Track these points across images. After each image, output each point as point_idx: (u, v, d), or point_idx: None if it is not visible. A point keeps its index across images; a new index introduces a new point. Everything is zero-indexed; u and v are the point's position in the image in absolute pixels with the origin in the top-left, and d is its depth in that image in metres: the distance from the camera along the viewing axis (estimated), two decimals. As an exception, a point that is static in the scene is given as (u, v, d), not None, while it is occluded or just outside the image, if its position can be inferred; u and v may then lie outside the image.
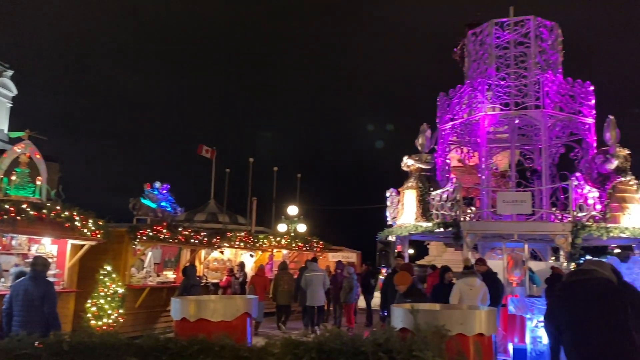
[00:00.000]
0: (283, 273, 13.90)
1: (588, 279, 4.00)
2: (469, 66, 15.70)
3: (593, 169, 13.44)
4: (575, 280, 4.09)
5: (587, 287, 3.96)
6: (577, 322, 3.87)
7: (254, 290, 13.40)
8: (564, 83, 14.09)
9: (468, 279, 9.18)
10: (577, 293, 3.98)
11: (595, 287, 3.93)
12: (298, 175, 26.42)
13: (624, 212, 12.56)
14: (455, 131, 15.47)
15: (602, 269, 4.02)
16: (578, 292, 3.98)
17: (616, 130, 13.27)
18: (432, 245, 26.87)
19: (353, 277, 13.59)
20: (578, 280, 4.07)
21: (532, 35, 14.53)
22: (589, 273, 4.03)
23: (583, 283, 4.01)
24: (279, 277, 13.81)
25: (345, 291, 13.27)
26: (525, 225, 12.80)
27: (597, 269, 4.01)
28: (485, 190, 14.56)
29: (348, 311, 13.51)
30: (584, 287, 3.98)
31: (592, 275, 3.99)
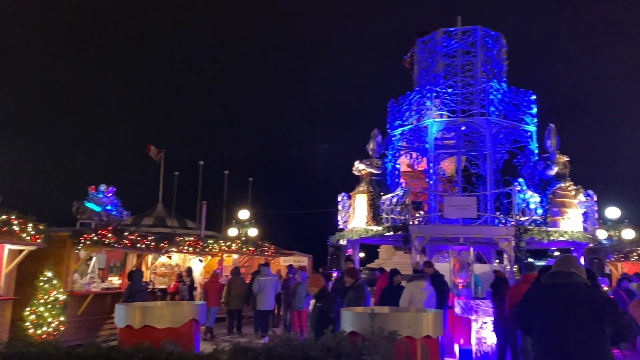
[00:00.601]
0: (236, 278, 13.92)
1: (569, 284, 3.92)
2: (418, 74, 16.07)
3: (535, 174, 13.99)
4: (556, 283, 3.98)
5: (568, 292, 3.88)
6: (555, 326, 3.79)
7: (207, 296, 13.27)
8: (508, 92, 14.63)
9: (418, 282, 9.34)
10: (558, 297, 3.89)
11: (575, 293, 3.86)
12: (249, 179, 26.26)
13: (564, 216, 13.13)
14: (405, 137, 15.77)
15: (579, 272, 3.97)
16: (558, 297, 3.89)
17: (556, 138, 13.88)
18: (382, 248, 27.25)
19: (306, 282, 13.44)
20: (558, 283, 3.96)
21: (478, 45, 15.03)
22: (569, 277, 3.94)
23: (564, 287, 3.92)
24: (231, 282, 13.79)
25: (300, 297, 12.83)
26: (470, 229, 13.17)
27: (576, 272, 3.95)
28: (433, 194, 14.90)
29: (300, 317, 13.05)
30: (564, 292, 3.89)
31: (572, 280, 3.92)
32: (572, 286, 3.89)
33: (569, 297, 3.83)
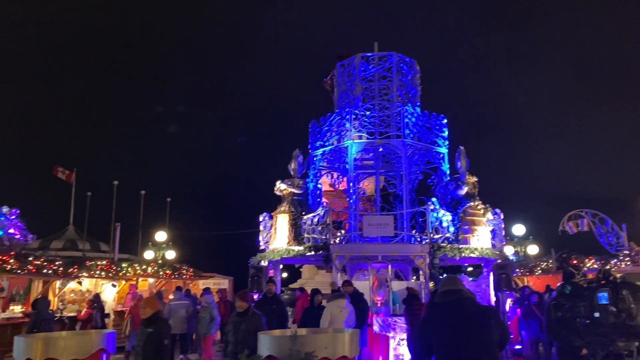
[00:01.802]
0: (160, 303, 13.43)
1: (460, 299, 4.25)
2: (338, 96, 16.47)
3: (447, 194, 14.67)
4: (449, 300, 4.28)
5: (461, 307, 4.20)
6: (452, 340, 4.07)
7: (134, 321, 12.77)
8: (421, 115, 15.32)
9: (338, 301, 9.44)
10: (452, 313, 4.19)
11: (467, 307, 4.21)
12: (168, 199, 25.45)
13: (474, 233, 13.82)
14: (326, 157, 16.03)
15: (464, 287, 4.35)
16: (452, 312, 4.19)
17: (466, 159, 14.66)
18: (304, 268, 27.24)
19: (212, 306, 12.72)
20: (451, 300, 4.27)
21: (394, 70, 15.68)
22: (459, 293, 4.29)
23: (456, 303, 4.24)
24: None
25: (205, 322, 12.25)
26: (388, 247, 13.53)
27: (462, 288, 4.32)
28: (354, 213, 15.20)
29: (206, 343, 12.45)
30: (457, 307, 4.21)
31: (462, 296, 4.27)
32: (462, 301, 4.25)
33: (461, 311, 4.17)
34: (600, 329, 2.73)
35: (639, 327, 2.64)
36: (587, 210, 19.62)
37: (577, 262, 3.26)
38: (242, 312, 7.19)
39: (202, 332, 12.26)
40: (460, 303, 4.23)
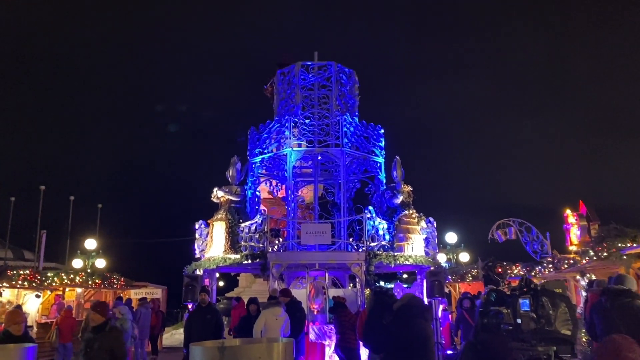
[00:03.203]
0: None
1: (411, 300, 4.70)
2: (278, 103, 16.46)
3: (383, 203, 14.96)
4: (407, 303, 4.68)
5: (412, 308, 4.60)
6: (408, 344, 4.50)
7: (61, 333, 12.12)
8: (359, 125, 15.57)
9: (273, 309, 9.38)
10: (408, 315, 4.56)
11: (416, 308, 4.58)
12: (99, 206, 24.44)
13: (408, 241, 14.15)
14: (265, 164, 15.95)
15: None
16: (409, 314, 4.56)
17: (401, 169, 15.02)
18: (242, 276, 26.93)
19: (127, 317, 11.75)
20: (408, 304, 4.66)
21: (333, 80, 15.87)
22: (414, 299, 4.72)
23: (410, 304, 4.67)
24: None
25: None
26: (325, 255, 13.60)
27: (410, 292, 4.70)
28: (292, 222, 15.18)
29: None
30: (412, 308, 4.61)
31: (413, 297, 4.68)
32: (412, 301, 4.74)
33: (417, 312, 4.64)
34: (521, 335, 2.86)
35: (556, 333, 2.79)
36: (514, 219, 20.56)
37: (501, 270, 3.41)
38: (98, 327, 5.89)
39: None
40: (412, 302, 4.66)
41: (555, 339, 2.89)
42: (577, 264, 14.11)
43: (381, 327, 4.80)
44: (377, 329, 4.84)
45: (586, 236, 17.68)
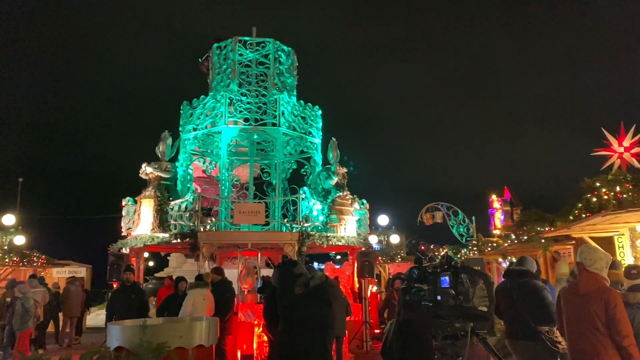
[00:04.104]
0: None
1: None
2: (213, 78, 15.99)
3: (318, 184, 14.98)
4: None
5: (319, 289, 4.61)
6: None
7: None
8: (297, 105, 15.43)
9: (201, 290, 9.18)
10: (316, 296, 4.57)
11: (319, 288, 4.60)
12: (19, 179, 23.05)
13: (341, 223, 14.28)
14: (198, 141, 15.51)
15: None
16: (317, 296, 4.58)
17: (337, 151, 15.07)
18: (172, 256, 26.35)
19: (28, 296, 10.83)
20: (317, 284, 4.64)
21: (271, 57, 15.58)
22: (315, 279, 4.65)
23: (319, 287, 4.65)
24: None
25: (18, 315, 10.48)
26: (258, 234, 13.49)
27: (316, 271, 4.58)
28: (224, 201, 14.91)
29: (21, 340, 10.59)
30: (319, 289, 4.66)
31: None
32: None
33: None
34: (441, 311, 2.90)
35: (474, 309, 2.86)
36: (443, 203, 21.26)
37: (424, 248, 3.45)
38: None
39: (16, 326, 10.61)
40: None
41: (472, 315, 2.95)
42: (499, 247, 14.78)
43: (271, 302, 4.89)
44: (268, 304, 4.92)
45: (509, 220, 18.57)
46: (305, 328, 4.39)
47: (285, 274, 4.98)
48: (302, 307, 4.55)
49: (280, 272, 5.21)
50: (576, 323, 4.36)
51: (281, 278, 5.06)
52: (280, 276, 5.11)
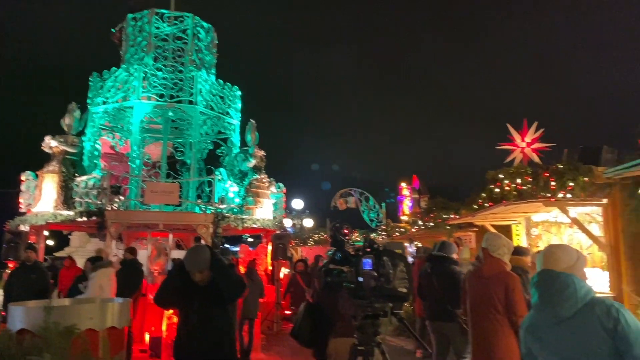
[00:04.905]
0: None
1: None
2: (127, 50, 15.21)
3: (235, 166, 14.81)
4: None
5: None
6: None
7: None
8: (215, 84, 15.08)
9: (105, 270, 8.71)
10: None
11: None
12: None
13: (257, 205, 14.25)
14: (108, 115, 14.75)
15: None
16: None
17: (256, 133, 14.96)
18: (74, 235, 24.93)
19: None
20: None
21: (190, 33, 15.07)
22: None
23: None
24: None
25: None
26: (171, 215, 13.14)
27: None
28: (135, 179, 14.34)
29: None
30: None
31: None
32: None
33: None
34: (362, 292, 3.03)
35: (394, 290, 3.01)
36: (355, 189, 21.86)
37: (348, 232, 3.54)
38: None
39: None
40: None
41: (392, 296, 3.09)
42: (407, 232, 15.48)
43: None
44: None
45: (417, 207, 19.45)
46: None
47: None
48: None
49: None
50: (479, 304, 4.71)
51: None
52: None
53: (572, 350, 2.44)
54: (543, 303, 2.61)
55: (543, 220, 9.32)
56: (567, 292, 2.49)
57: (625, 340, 2.32)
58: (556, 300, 2.51)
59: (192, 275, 4.03)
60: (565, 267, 2.63)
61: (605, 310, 2.39)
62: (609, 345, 2.34)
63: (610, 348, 2.34)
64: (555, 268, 2.63)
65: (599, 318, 2.38)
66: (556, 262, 2.65)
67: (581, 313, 2.45)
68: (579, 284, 2.53)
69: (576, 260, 2.68)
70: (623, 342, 2.32)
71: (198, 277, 4.03)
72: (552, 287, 2.56)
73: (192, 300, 4.03)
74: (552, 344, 2.55)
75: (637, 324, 2.36)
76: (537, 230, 9.52)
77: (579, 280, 2.56)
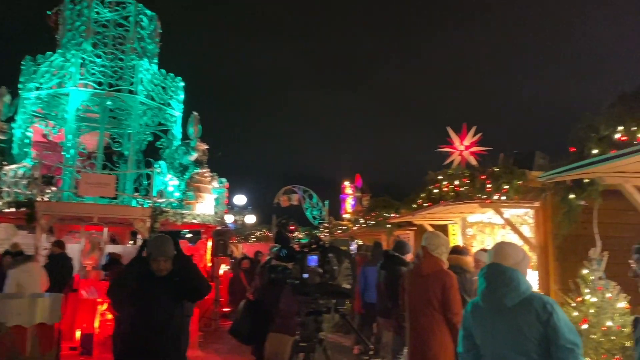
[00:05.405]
0: None
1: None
2: (64, 34, 14.52)
3: (176, 159, 14.45)
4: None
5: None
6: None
7: None
8: (157, 74, 14.66)
9: (25, 266, 8.14)
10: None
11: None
12: None
13: (198, 200, 13.97)
14: (42, 102, 14.02)
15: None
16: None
17: (199, 126, 14.65)
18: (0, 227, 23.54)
19: None
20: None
21: (132, 20, 14.58)
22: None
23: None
24: None
25: None
26: (106, 208, 12.68)
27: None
28: (69, 170, 13.72)
29: None
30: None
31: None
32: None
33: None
34: (306, 289, 3.03)
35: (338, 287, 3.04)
36: (299, 186, 21.88)
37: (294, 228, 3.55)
38: None
39: None
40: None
41: (336, 292, 3.12)
42: (348, 230, 15.67)
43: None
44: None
45: (359, 206, 19.73)
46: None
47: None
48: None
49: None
50: (417, 301, 4.84)
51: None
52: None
53: (509, 335, 2.74)
54: (489, 292, 2.87)
55: (478, 221, 9.69)
56: (512, 285, 2.78)
57: (555, 331, 2.67)
58: (501, 291, 2.78)
59: (156, 262, 3.88)
60: (512, 263, 2.89)
61: (542, 305, 2.72)
62: (540, 334, 2.68)
63: (541, 336, 2.68)
64: (503, 263, 2.89)
65: (536, 311, 2.70)
66: (505, 258, 2.91)
67: (521, 305, 2.75)
68: (522, 280, 2.83)
69: (522, 259, 2.95)
70: (553, 332, 2.67)
71: (162, 265, 3.89)
72: (498, 279, 2.83)
73: (152, 293, 3.87)
74: (492, 328, 2.84)
75: (566, 319, 2.74)
76: (472, 230, 9.88)
77: (522, 276, 2.86)
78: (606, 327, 4.86)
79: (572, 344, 2.67)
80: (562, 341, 2.65)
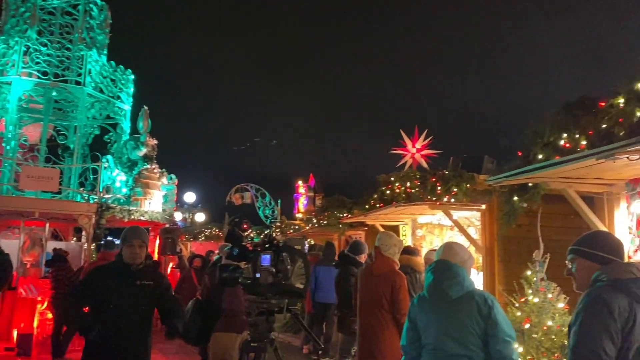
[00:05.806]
0: None
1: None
2: (7, 21, 13.86)
3: (124, 154, 14.03)
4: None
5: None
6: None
7: None
8: (107, 65, 14.20)
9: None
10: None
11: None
12: None
13: (147, 196, 13.62)
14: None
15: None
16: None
17: (148, 120, 14.28)
18: None
19: None
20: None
21: (81, 9, 14.09)
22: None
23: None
24: None
25: None
26: (48, 203, 12.16)
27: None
28: (9, 162, 13.09)
29: None
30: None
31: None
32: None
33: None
34: (258, 289, 3.00)
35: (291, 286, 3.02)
36: (252, 184, 21.70)
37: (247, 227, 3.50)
38: None
39: None
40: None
41: (289, 292, 3.10)
42: (301, 229, 15.66)
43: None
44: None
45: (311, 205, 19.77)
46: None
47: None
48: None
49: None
50: (368, 301, 4.88)
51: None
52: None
53: (451, 326, 2.95)
54: (435, 285, 3.07)
55: (427, 222, 9.89)
56: (457, 279, 3.00)
57: (493, 324, 2.88)
58: (447, 284, 3.00)
59: (131, 247, 3.77)
60: (459, 260, 3.12)
61: (483, 299, 2.96)
62: (480, 326, 2.89)
63: (480, 328, 2.89)
64: (451, 260, 3.11)
65: (478, 304, 2.93)
66: (453, 255, 3.14)
67: (464, 298, 2.97)
68: (466, 276, 3.07)
69: (468, 258, 3.20)
70: (492, 325, 2.88)
71: (137, 250, 3.79)
72: (445, 273, 3.05)
73: (128, 293, 3.77)
74: (436, 319, 3.03)
75: (503, 313, 3.01)
76: (421, 232, 10.08)
77: (466, 273, 3.09)
78: (547, 326, 5.04)
79: (510, 336, 2.89)
80: (501, 334, 2.86)
